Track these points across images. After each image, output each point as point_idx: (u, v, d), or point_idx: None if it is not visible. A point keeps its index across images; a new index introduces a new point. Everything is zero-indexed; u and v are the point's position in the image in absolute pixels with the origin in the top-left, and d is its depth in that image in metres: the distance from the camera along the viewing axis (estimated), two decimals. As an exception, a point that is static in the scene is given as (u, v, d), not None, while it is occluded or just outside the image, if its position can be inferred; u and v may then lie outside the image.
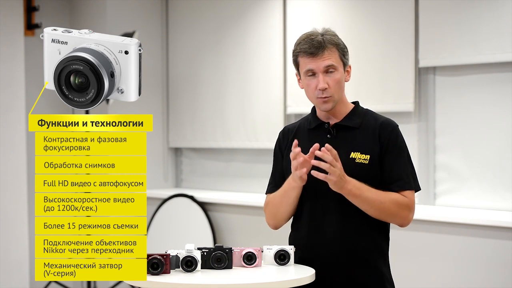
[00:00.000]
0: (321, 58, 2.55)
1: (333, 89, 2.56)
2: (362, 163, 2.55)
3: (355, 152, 2.56)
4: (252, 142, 5.25)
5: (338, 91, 2.58)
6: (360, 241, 2.56)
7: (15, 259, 5.36)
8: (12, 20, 5.38)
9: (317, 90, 2.56)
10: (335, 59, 2.57)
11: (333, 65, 2.56)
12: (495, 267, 3.80)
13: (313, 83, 2.57)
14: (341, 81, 2.58)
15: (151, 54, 5.75)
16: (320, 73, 2.55)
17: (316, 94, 2.57)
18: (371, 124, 2.61)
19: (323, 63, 2.55)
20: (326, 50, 2.56)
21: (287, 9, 5.00)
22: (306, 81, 2.59)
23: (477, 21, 4.06)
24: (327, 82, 2.55)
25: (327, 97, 2.56)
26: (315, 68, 2.56)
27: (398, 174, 2.56)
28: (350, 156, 2.56)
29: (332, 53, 2.57)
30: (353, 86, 2.71)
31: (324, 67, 2.55)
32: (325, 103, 2.57)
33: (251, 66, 5.25)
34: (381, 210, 2.51)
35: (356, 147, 2.57)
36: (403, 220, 2.56)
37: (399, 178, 2.56)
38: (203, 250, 2.54)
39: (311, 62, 2.56)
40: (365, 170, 2.54)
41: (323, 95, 2.56)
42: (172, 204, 5.43)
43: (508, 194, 4.02)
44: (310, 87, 2.59)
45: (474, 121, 4.17)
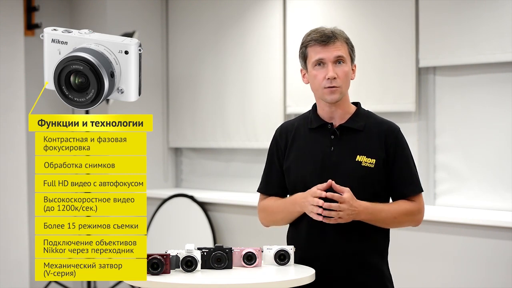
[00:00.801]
0: (332, 48, 2.55)
1: (342, 80, 2.55)
2: (368, 167, 2.54)
3: (361, 156, 2.56)
4: (252, 142, 5.25)
5: (345, 84, 2.57)
6: (360, 244, 2.56)
7: (15, 259, 5.36)
8: (12, 20, 5.38)
9: (325, 80, 2.54)
10: (345, 52, 2.57)
11: (343, 56, 2.56)
12: (495, 267, 3.80)
13: (321, 73, 2.55)
14: (349, 74, 2.58)
15: (151, 54, 5.75)
16: (330, 63, 2.54)
17: (323, 84, 2.55)
18: (375, 127, 2.60)
19: (334, 52, 2.55)
20: (337, 41, 2.56)
21: (287, 9, 5.00)
22: (314, 71, 2.57)
23: (477, 21, 4.06)
24: (336, 72, 2.54)
25: (335, 87, 2.54)
26: (326, 57, 2.54)
27: (409, 180, 2.59)
28: (356, 159, 2.55)
29: (343, 45, 2.57)
30: (353, 86, 2.70)
31: (335, 57, 2.55)
32: (333, 93, 2.55)
33: (251, 66, 5.25)
34: (395, 223, 2.58)
35: (362, 150, 2.56)
36: (416, 223, 2.63)
37: (411, 183, 2.59)
38: (203, 250, 2.54)
39: (322, 51, 2.55)
40: (371, 174, 2.54)
41: (332, 84, 2.54)
42: (172, 204, 5.43)
43: (508, 194, 4.02)
44: (317, 78, 2.56)
45: (474, 121, 4.17)
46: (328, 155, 2.57)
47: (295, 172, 2.61)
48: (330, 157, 2.56)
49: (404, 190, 2.58)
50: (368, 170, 2.54)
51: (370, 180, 2.53)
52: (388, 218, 2.54)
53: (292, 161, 2.62)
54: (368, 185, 2.52)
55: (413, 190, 2.59)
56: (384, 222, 2.55)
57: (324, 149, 2.58)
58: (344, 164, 2.53)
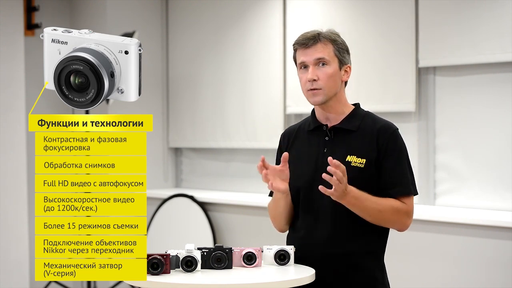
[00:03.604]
0: (313, 50, 2.56)
1: (323, 82, 2.54)
2: (357, 167, 2.53)
3: (351, 156, 2.55)
4: (252, 142, 5.25)
5: (329, 86, 2.55)
6: (351, 246, 2.54)
7: (15, 259, 5.36)
8: (12, 20, 5.38)
9: (308, 83, 2.55)
10: (327, 54, 2.56)
11: (324, 58, 2.55)
12: (495, 267, 3.80)
13: (305, 76, 2.57)
14: (333, 75, 2.56)
15: (151, 54, 5.75)
16: (311, 65, 2.55)
17: (306, 87, 2.56)
18: (369, 127, 2.59)
19: (313, 55, 2.55)
20: (319, 43, 2.56)
21: (287, 9, 5.00)
22: (300, 74, 2.60)
23: (477, 21, 4.06)
24: (316, 75, 2.54)
25: (316, 89, 2.54)
26: (307, 60, 2.56)
27: (398, 179, 2.55)
28: (346, 159, 2.54)
29: (326, 47, 2.56)
30: (353, 86, 2.70)
31: (315, 59, 2.55)
32: (314, 95, 2.56)
33: (251, 66, 5.25)
34: (379, 218, 2.51)
35: (353, 150, 2.56)
36: (401, 226, 2.56)
37: (399, 184, 2.54)
38: (203, 250, 2.54)
39: (303, 54, 2.57)
40: (360, 174, 2.53)
41: (312, 86, 2.54)
42: (172, 204, 5.43)
43: (508, 194, 4.02)
44: (302, 81, 2.59)
45: (474, 121, 4.17)
46: (321, 156, 2.58)
47: (292, 174, 2.61)
48: (323, 158, 2.56)
49: (390, 191, 2.53)
50: (358, 170, 2.53)
51: (360, 180, 2.51)
52: (373, 208, 2.48)
53: (291, 164, 2.62)
54: (358, 185, 2.49)
55: (399, 191, 2.53)
56: (368, 213, 2.49)
57: (318, 151, 2.60)
58: None
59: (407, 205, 2.54)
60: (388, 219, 2.52)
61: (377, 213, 2.50)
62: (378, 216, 2.51)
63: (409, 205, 2.55)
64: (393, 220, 2.53)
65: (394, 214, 2.52)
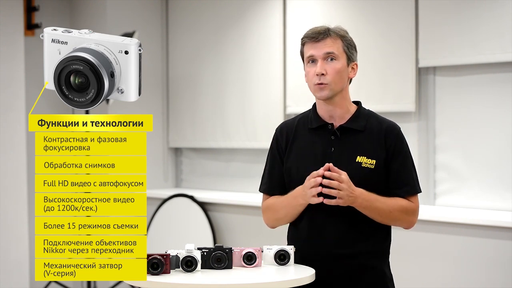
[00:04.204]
0: (322, 44, 2.56)
1: (331, 77, 2.54)
2: (368, 168, 2.54)
3: (361, 156, 2.55)
4: (252, 142, 5.25)
5: (336, 81, 2.55)
6: (361, 246, 2.55)
7: (15, 259, 5.36)
8: (12, 20, 5.38)
9: (315, 77, 2.55)
10: (336, 48, 2.56)
11: (334, 53, 2.55)
12: (495, 267, 3.80)
13: (313, 70, 2.56)
14: (341, 71, 2.56)
15: (151, 54, 5.75)
16: (320, 59, 2.55)
17: (314, 81, 2.56)
18: (375, 127, 2.59)
19: (323, 49, 2.55)
20: (329, 38, 2.56)
21: (287, 9, 5.00)
22: (307, 68, 2.59)
23: (477, 21, 4.06)
24: (325, 69, 2.54)
25: (323, 83, 2.54)
26: (316, 54, 2.56)
27: (405, 179, 2.57)
28: (356, 160, 2.54)
29: (335, 42, 2.57)
30: (353, 86, 2.70)
31: (324, 54, 2.55)
32: (321, 90, 2.55)
33: (251, 66, 5.25)
34: (389, 218, 2.54)
35: (362, 151, 2.56)
36: (409, 224, 2.61)
37: (406, 184, 2.58)
38: (203, 250, 2.54)
39: (312, 47, 2.57)
40: (371, 175, 2.54)
41: (320, 80, 2.54)
42: (172, 204, 5.43)
43: (508, 194, 4.02)
44: (309, 74, 2.58)
45: (474, 121, 4.17)
46: (328, 156, 2.56)
47: (295, 173, 2.60)
48: (330, 158, 2.55)
49: (398, 190, 2.57)
50: (368, 171, 2.54)
51: (371, 181, 2.53)
52: (383, 209, 2.51)
53: (293, 162, 2.62)
54: (369, 186, 2.51)
55: (407, 191, 2.57)
56: (379, 214, 2.52)
57: (325, 150, 2.58)
58: (344, 166, 2.51)
59: (414, 203, 2.59)
60: (397, 218, 2.55)
61: (387, 214, 2.53)
62: (388, 216, 2.53)
63: (416, 203, 2.59)
64: (402, 219, 2.57)
65: (403, 213, 2.55)
